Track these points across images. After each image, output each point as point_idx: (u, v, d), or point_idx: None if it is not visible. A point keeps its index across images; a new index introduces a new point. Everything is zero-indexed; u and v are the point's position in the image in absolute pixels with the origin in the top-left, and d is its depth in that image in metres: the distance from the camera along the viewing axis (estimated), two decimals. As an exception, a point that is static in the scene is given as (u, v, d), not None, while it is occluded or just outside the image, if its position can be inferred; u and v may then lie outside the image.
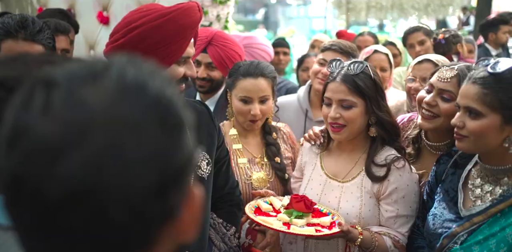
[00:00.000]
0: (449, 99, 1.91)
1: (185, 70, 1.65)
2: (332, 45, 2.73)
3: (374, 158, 1.97)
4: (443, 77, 1.93)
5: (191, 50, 1.65)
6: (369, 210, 1.95)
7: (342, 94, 1.93)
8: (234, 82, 2.28)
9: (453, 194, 1.73)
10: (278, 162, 2.34)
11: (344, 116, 1.93)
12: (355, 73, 1.91)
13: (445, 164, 1.83)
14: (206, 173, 1.80)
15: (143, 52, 1.59)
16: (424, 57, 2.57)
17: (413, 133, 2.13)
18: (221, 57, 2.63)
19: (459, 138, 1.63)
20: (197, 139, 1.68)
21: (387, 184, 1.93)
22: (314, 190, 2.08)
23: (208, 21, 3.46)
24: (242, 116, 2.27)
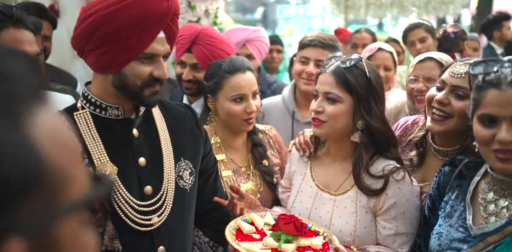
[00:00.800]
0: (464, 96, 1.70)
1: (153, 69, 1.44)
2: (312, 41, 2.51)
3: (369, 169, 1.75)
4: (456, 73, 1.72)
5: (159, 47, 1.43)
6: (365, 227, 1.73)
7: (328, 86, 1.73)
8: (220, 83, 2.05)
9: (461, 210, 1.52)
10: (266, 165, 2.14)
11: (327, 111, 1.72)
12: (346, 66, 1.71)
13: (448, 175, 1.61)
14: (188, 185, 1.60)
15: (98, 43, 1.39)
16: (426, 55, 2.35)
17: (418, 135, 1.91)
18: (207, 57, 2.39)
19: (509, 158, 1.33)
20: (179, 145, 1.47)
21: (385, 198, 1.71)
22: (304, 203, 1.86)
23: (196, 16, 3.23)
24: (237, 117, 2.04)
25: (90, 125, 1.47)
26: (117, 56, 1.39)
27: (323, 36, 2.55)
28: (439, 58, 2.31)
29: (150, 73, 1.44)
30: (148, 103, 1.49)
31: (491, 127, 1.36)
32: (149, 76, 1.44)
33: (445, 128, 1.75)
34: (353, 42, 4.18)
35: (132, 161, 1.50)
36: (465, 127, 1.70)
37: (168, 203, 1.53)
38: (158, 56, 1.44)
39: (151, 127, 1.58)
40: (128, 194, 1.47)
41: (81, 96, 1.52)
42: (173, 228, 1.54)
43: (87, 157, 1.43)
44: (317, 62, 2.49)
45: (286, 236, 1.60)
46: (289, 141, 2.15)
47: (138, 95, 1.45)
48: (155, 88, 1.47)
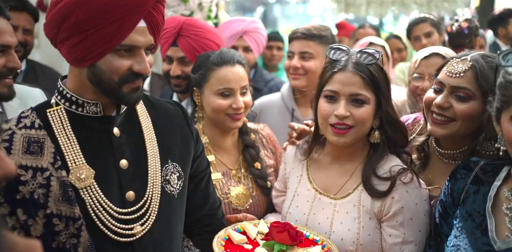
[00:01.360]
0: (466, 98, 1.56)
1: (132, 63, 1.29)
2: (295, 34, 2.42)
3: (375, 169, 1.60)
4: (454, 72, 1.57)
5: (139, 38, 1.27)
6: (369, 234, 1.58)
7: (355, 86, 1.57)
8: (206, 75, 1.94)
9: (480, 219, 1.36)
10: (258, 168, 1.99)
11: (355, 115, 1.57)
12: (370, 63, 1.58)
13: (463, 180, 1.45)
14: (176, 190, 1.45)
15: (69, 33, 1.24)
16: (431, 50, 2.22)
17: (418, 140, 1.76)
18: (194, 49, 2.25)
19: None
20: (167, 146, 1.32)
21: (391, 203, 1.56)
22: (300, 209, 1.72)
23: (189, 10, 3.09)
24: (222, 112, 1.92)
25: (65, 123, 1.33)
26: (90, 48, 1.24)
27: (307, 27, 2.44)
28: (445, 53, 2.18)
29: (129, 68, 1.28)
30: (128, 100, 1.33)
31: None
32: (128, 71, 1.29)
33: (449, 132, 1.61)
34: (357, 38, 4.04)
35: (112, 164, 1.36)
36: (471, 129, 1.57)
37: (153, 210, 1.38)
38: (139, 48, 1.29)
39: (135, 125, 1.43)
40: (107, 200, 1.32)
41: (56, 92, 1.37)
42: (158, 238, 1.40)
43: (60, 159, 1.29)
44: (301, 54, 2.39)
45: (280, 246, 1.45)
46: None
47: (116, 92, 1.30)
48: (136, 84, 1.32)
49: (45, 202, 1.26)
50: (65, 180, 1.28)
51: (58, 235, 1.27)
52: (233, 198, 1.92)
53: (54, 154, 1.29)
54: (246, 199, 1.94)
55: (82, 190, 1.30)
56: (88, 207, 1.30)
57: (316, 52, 2.35)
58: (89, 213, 1.30)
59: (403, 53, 4.06)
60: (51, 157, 1.28)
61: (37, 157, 1.28)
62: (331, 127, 1.60)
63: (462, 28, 3.23)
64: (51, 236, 1.27)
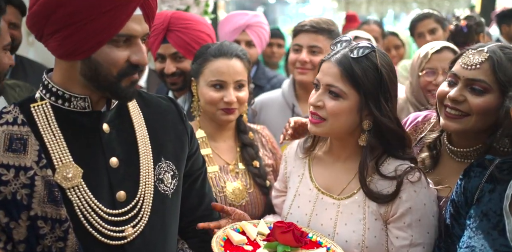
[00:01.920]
0: (482, 91, 1.47)
1: (130, 54, 1.21)
2: (303, 26, 2.33)
3: (380, 169, 1.52)
4: (470, 64, 1.48)
5: (136, 27, 1.20)
6: (375, 236, 1.50)
7: (331, 77, 1.50)
8: (202, 66, 1.89)
9: (496, 219, 1.28)
10: (257, 166, 1.93)
11: (327, 106, 1.50)
12: (355, 57, 1.47)
13: (478, 178, 1.37)
14: (170, 189, 1.37)
15: (61, 24, 1.15)
16: (442, 44, 2.16)
17: (431, 137, 1.67)
18: (185, 43, 2.17)
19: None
20: (160, 143, 1.23)
21: (399, 203, 1.48)
22: (302, 209, 1.63)
23: (185, 4, 3.02)
24: (214, 106, 1.87)
25: (50, 118, 1.24)
26: (85, 40, 1.16)
27: (316, 20, 2.36)
28: (455, 48, 2.15)
29: (127, 59, 1.21)
30: (125, 96, 1.25)
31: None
32: (127, 63, 1.21)
33: (463, 127, 1.52)
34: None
35: (102, 162, 1.27)
36: (486, 125, 1.48)
37: (146, 211, 1.30)
38: (136, 37, 1.21)
39: (126, 122, 1.35)
40: (96, 201, 1.24)
41: (41, 86, 1.29)
42: (151, 241, 1.31)
43: (45, 158, 1.20)
44: (310, 48, 2.31)
45: (284, 248, 1.36)
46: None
47: (114, 87, 1.22)
48: (134, 77, 1.25)
49: (29, 204, 1.18)
50: (50, 179, 1.20)
51: (43, 238, 1.18)
52: (228, 193, 1.87)
53: (38, 152, 1.20)
54: (242, 195, 1.89)
55: (69, 190, 1.21)
56: (75, 208, 1.22)
57: (325, 47, 2.28)
58: (77, 214, 1.21)
59: (400, 50, 3.98)
60: (35, 155, 1.20)
61: (20, 155, 1.20)
62: (310, 114, 1.56)
63: (461, 27, 3.15)
64: (35, 240, 1.18)
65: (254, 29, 2.91)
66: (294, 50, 2.37)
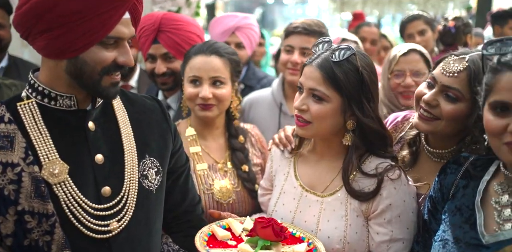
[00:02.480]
0: (455, 99, 1.51)
1: (117, 55, 1.27)
2: (296, 28, 2.36)
3: (362, 167, 1.56)
4: (448, 71, 1.52)
5: (124, 30, 1.27)
6: (356, 232, 1.54)
7: (314, 82, 1.53)
8: (185, 64, 1.95)
9: (469, 213, 1.32)
10: (246, 171, 1.96)
11: (312, 110, 1.54)
12: (336, 60, 1.50)
13: (453, 175, 1.41)
14: (154, 185, 1.42)
15: (52, 25, 1.19)
16: (409, 46, 2.24)
17: (411, 134, 1.72)
18: (176, 43, 2.21)
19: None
20: (144, 141, 1.27)
21: (379, 200, 1.52)
22: (287, 206, 1.67)
23: (176, 6, 3.05)
24: (192, 101, 1.92)
25: (36, 117, 1.28)
26: (76, 40, 1.21)
27: (307, 22, 2.39)
28: (421, 50, 2.20)
29: (114, 60, 1.27)
30: (107, 94, 1.31)
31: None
32: (113, 63, 1.27)
33: (433, 129, 1.57)
34: (362, 35, 3.99)
35: (87, 159, 1.31)
36: (456, 130, 1.54)
37: (130, 206, 1.34)
38: (123, 40, 1.28)
39: (111, 120, 1.39)
40: (82, 196, 1.28)
41: (27, 85, 1.33)
42: (135, 235, 1.35)
43: (31, 154, 1.24)
44: (302, 50, 2.35)
45: (264, 242, 1.40)
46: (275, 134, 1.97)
47: (96, 85, 1.27)
48: (115, 79, 1.30)
49: (16, 199, 1.21)
50: (37, 175, 1.23)
51: (30, 232, 1.22)
52: (216, 191, 1.90)
53: (25, 149, 1.24)
54: (229, 194, 1.92)
55: (55, 186, 1.25)
56: (62, 203, 1.25)
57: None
58: (63, 209, 1.25)
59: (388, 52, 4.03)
60: (22, 152, 1.24)
61: (7, 152, 1.23)
62: (295, 117, 1.59)
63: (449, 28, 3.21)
64: (22, 234, 1.22)
65: (244, 31, 2.94)
66: (286, 50, 2.40)
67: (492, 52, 1.23)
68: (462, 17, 3.39)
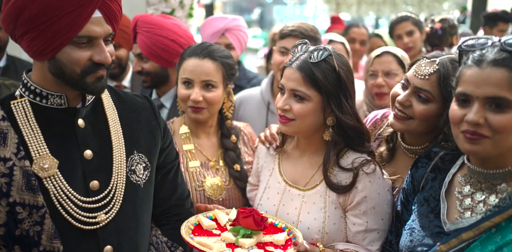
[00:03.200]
0: (426, 100, 1.59)
1: (92, 53, 1.31)
2: (292, 31, 2.44)
3: (339, 162, 1.64)
4: (421, 73, 1.60)
5: (96, 29, 1.30)
6: (334, 223, 1.62)
7: (294, 82, 1.60)
8: (179, 65, 2.00)
9: (435, 203, 1.41)
10: (238, 169, 2.02)
11: (294, 109, 1.61)
12: (314, 61, 1.58)
13: (424, 168, 1.50)
14: (142, 180, 1.49)
15: (26, 28, 1.26)
16: (383, 49, 2.35)
17: (388, 131, 1.80)
18: (147, 45, 2.29)
19: (476, 139, 1.23)
20: (133, 137, 1.34)
21: (355, 192, 1.60)
22: (271, 200, 1.75)
23: (170, 7, 3.13)
24: (184, 102, 1.98)
25: (28, 114, 1.36)
26: (48, 41, 1.27)
27: (304, 26, 2.47)
28: (396, 52, 2.29)
29: (89, 58, 1.31)
30: (93, 90, 1.36)
31: (465, 107, 1.26)
32: (89, 62, 1.32)
33: (406, 128, 1.65)
34: (352, 36, 4.05)
35: (77, 154, 1.39)
36: (428, 129, 1.62)
37: (117, 199, 1.42)
38: (97, 38, 1.31)
39: (101, 117, 1.47)
40: (71, 189, 1.35)
41: (21, 84, 1.41)
42: (123, 226, 1.43)
43: (23, 150, 1.32)
44: None
45: (245, 231, 1.49)
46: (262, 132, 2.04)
47: (79, 83, 1.33)
48: (99, 73, 1.34)
49: (8, 191, 1.29)
50: (28, 169, 1.31)
51: (21, 222, 1.30)
52: (207, 187, 1.95)
53: (17, 145, 1.32)
54: (220, 191, 1.97)
55: (45, 179, 1.33)
56: (51, 196, 1.33)
57: None
58: (53, 201, 1.33)
59: None
60: (14, 147, 1.32)
61: (0, 148, 1.31)
62: (279, 116, 1.66)
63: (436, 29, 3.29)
64: (14, 224, 1.30)
65: (233, 33, 3.02)
66: (280, 52, 2.47)
67: (465, 48, 1.30)
68: (448, 19, 3.48)
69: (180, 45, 2.31)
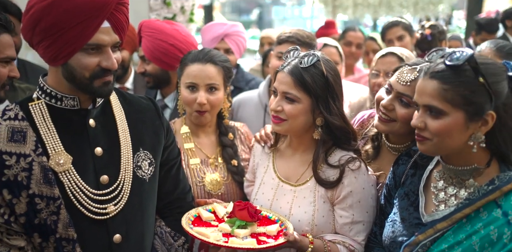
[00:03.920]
0: (407, 104, 1.73)
1: (100, 60, 1.45)
2: (289, 37, 2.57)
3: (327, 159, 1.78)
4: (403, 80, 1.73)
5: (104, 37, 1.43)
6: (323, 216, 1.76)
7: (286, 86, 1.74)
8: (182, 70, 2.12)
9: (414, 197, 1.55)
10: (235, 165, 2.15)
11: (285, 110, 1.75)
12: (304, 66, 1.72)
13: (404, 165, 1.64)
14: (147, 175, 1.62)
15: (42, 36, 1.41)
16: (388, 50, 2.41)
17: (373, 130, 1.94)
18: (149, 49, 2.45)
19: (421, 140, 1.44)
20: (138, 136, 1.48)
21: (341, 187, 1.74)
22: (265, 195, 1.89)
23: (172, 13, 3.27)
24: (189, 106, 2.09)
25: (45, 115, 1.50)
26: (61, 49, 1.40)
27: (301, 33, 2.60)
28: (401, 53, 2.36)
29: (98, 64, 1.45)
30: (100, 93, 1.49)
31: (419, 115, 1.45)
32: (98, 67, 1.45)
33: (390, 129, 1.79)
34: (348, 40, 4.18)
35: (88, 151, 1.53)
36: (410, 130, 1.71)
37: (125, 192, 1.55)
38: (105, 46, 1.44)
39: (110, 118, 1.60)
40: (83, 183, 1.49)
41: (37, 87, 1.55)
42: (130, 217, 1.56)
43: (41, 147, 1.46)
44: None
45: (240, 222, 1.64)
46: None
47: (88, 87, 1.47)
48: (106, 79, 1.47)
49: (28, 184, 1.43)
50: (45, 164, 1.45)
51: (39, 212, 1.44)
52: (207, 183, 2.08)
53: (35, 142, 1.46)
54: (219, 186, 2.10)
55: (61, 174, 1.47)
56: (66, 189, 1.47)
57: None
58: (67, 194, 1.47)
59: None
60: (33, 144, 1.46)
61: (21, 145, 1.45)
62: (272, 117, 1.80)
63: (426, 35, 3.44)
64: (33, 214, 1.44)
65: (232, 38, 3.15)
66: (277, 57, 2.60)
67: (426, 59, 1.49)
68: (437, 25, 3.62)
69: (179, 50, 2.44)
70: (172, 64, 2.44)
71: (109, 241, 1.52)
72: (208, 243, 1.56)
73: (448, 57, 1.38)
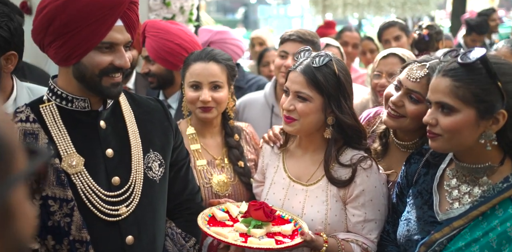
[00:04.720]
0: (417, 101, 1.73)
1: (113, 58, 1.44)
2: (291, 35, 2.57)
3: (339, 158, 1.78)
4: (412, 76, 1.74)
5: (118, 36, 1.43)
6: (336, 215, 1.76)
7: (298, 85, 1.74)
8: (185, 70, 2.11)
9: (428, 196, 1.56)
10: (242, 166, 2.13)
11: (298, 109, 1.74)
12: (317, 66, 1.72)
13: (416, 164, 1.65)
14: (158, 176, 1.61)
15: (55, 36, 1.38)
16: (390, 51, 2.43)
17: (381, 128, 1.95)
18: (154, 49, 2.42)
19: (432, 137, 1.45)
20: (148, 137, 1.46)
21: (354, 186, 1.74)
22: (277, 195, 1.88)
23: (171, 13, 3.24)
24: (193, 104, 2.08)
25: (56, 117, 1.47)
26: (75, 48, 1.39)
27: (302, 31, 2.60)
28: (402, 54, 2.38)
29: (111, 63, 1.43)
30: (109, 94, 1.48)
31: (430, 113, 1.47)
32: (110, 65, 1.44)
33: (399, 125, 1.80)
34: (345, 40, 4.20)
35: (99, 152, 1.50)
36: (418, 126, 1.75)
37: (137, 193, 1.53)
38: (118, 45, 1.44)
39: (120, 119, 1.58)
40: (96, 184, 1.47)
41: (48, 89, 1.51)
42: (142, 219, 1.54)
43: (53, 148, 1.43)
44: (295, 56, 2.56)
45: (256, 222, 1.63)
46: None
47: (97, 85, 1.44)
48: (115, 80, 1.46)
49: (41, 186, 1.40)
50: (58, 166, 1.42)
51: (53, 214, 1.41)
52: (214, 184, 2.06)
53: (47, 144, 1.43)
54: (226, 187, 2.08)
55: (73, 176, 1.44)
56: (79, 191, 1.44)
57: None
58: (80, 195, 1.44)
59: (375, 54, 4.24)
60: (45, 146, 1.42)
61: None
62: (283, 116, 1.79)
63: (423, 35, 3.48)
64: (47, 216, 1.41)
65: (217, 46, 3.09)
66: (280, 56, 2.60)
67: (441, 59, 1.52)
68: (434, 26, 3.67)
69: (185, 49, 2.43)
70: (177, 64, 2.42)
71: (122, 243, 1.50)
72: (227, 243, 1.55)
73: (461, 56, 1.40)
